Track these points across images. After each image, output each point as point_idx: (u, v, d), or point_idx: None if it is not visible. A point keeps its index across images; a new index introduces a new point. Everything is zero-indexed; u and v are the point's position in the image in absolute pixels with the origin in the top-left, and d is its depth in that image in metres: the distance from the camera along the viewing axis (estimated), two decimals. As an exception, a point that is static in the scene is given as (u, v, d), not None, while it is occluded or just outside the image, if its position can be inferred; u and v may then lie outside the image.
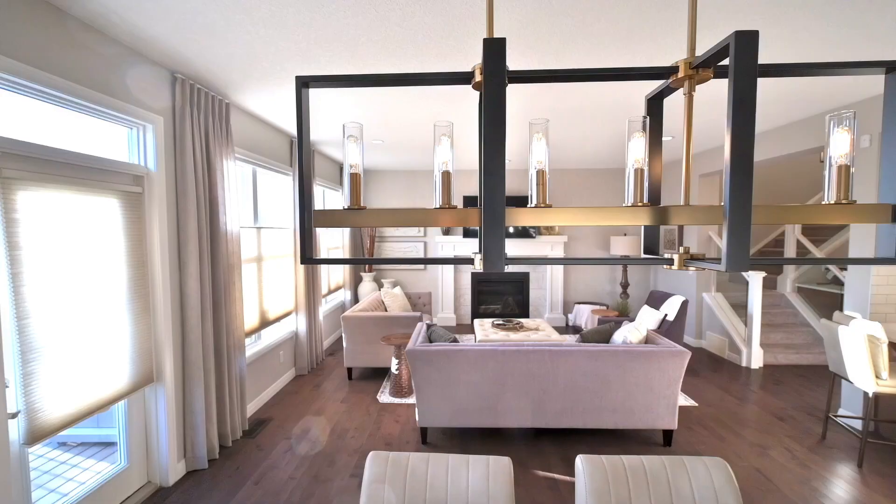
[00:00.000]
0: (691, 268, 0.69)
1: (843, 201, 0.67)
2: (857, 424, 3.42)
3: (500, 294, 7.12)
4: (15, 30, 1.79)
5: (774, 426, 3.46)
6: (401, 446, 3.15)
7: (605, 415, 3.07)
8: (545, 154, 0.69)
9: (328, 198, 6.07)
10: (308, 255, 0.73)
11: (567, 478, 2.76)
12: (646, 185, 0.68)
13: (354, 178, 0.70)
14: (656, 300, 5.36)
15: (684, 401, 3.92)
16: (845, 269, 4.51)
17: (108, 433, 3.16)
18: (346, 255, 6.55)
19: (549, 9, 1.99)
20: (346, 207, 0.69)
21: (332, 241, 6.21)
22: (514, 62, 2.56)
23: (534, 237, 6.75)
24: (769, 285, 6.05)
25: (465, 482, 1.41)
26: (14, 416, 1.84)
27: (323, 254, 5.65)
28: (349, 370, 4.56)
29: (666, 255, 0.71)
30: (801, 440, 3.23)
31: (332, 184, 5.93)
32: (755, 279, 4.86)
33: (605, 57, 2.50)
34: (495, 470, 1.43)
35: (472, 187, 6.82)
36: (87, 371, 2.17)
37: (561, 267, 6.91)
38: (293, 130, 4.34)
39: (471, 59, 2.55)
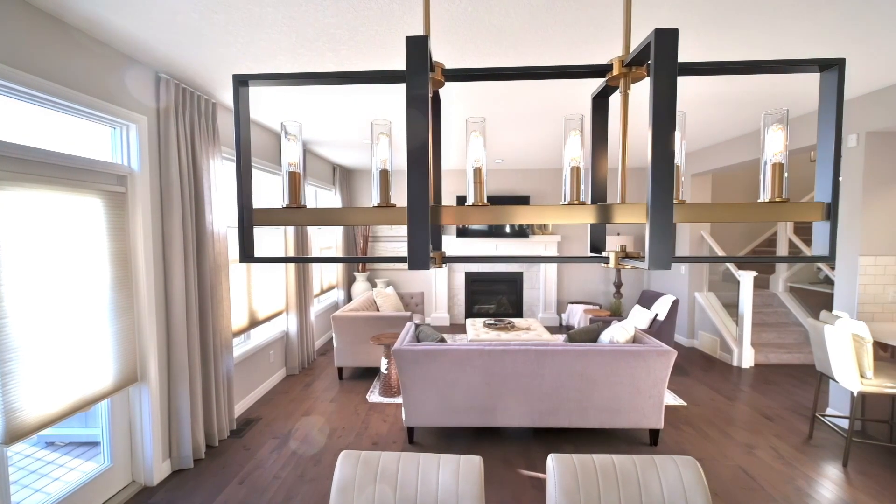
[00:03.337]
0: (627, 265, 0.70)
1: (777, 199, 0.67)
2: (844, 424, 3.42)
3: (494, 294, 7.12)
4: (-9, 29, 1.79)
5: (762, 425, 3.46)
6: (387, 446, 3.15)
7: (592, 414, 3.07)
8: (482, 153, 0.69)
9: (321, 197, 6.07)
10: (248, 254, 0.73)
11: (552, 477, 2.76)
12: (583, 183, 0.69)
13: (293, 176, 0.70)
14: (648, 300, 5.36)
15: (673, 400, 3.92)
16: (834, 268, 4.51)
17: (95, 433, 3.15)
18: (340, 255, 6.55)
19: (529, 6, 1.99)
20: (284, 206, 0.69)
21: (326, 241, 6.21)
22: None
23: (528, 237, 6.76)
24: (761, 284, 6.06)
25: (434, 481, 1.41)
26: (-9, 415, 1.84)
27: (315, 253, 5.64)
28: (340, 370, 4.56)
29: (603, 254, 0.71)
30: (787, 439, 3.23)
31: (325, 184, 5.93)
32: (745, 279, 4.86)
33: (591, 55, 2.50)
34: (465, 469, 1.43)
35: (463, 188, 6.81)
36: (68, 371, 2.17)
37: (554, 266, 6.91)
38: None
39: (456, 58, 2.55)
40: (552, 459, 1.47)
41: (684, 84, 3.01)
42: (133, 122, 2.55)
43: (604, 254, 0.72)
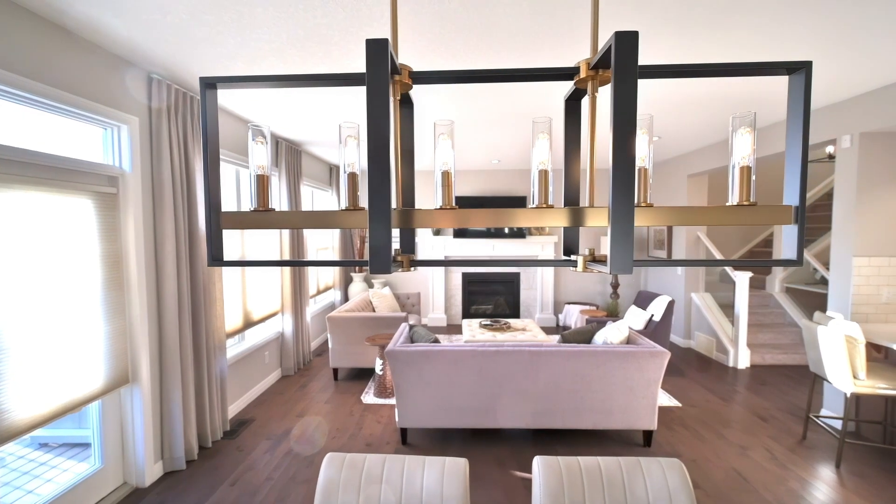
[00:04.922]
0: (595, 269, 0.69)
1: (745, 203, 0.66)
2: (838, 424, 3.41)
3: (492, 294, 7.11)
4: (-22, 30, 1.79)
5: (756, 426, 3.46)
6: (381, 447, 3.14)
7: (585, 415, 3.06)
8: (451, 155, 0.69)
9: (317, 198, 6.07)
10: (217, 258, 0.73)
11: (544, 478, 2.75)
12: (551, 186, 0.68)
13: (261, 179, 0.70)
14: (644, 300, 5.36)
15: (668, 401, 3.92)
16: (830, 270, 4.50)
17: (88, 434, 3.15)
18: (337, 257, 6.55)
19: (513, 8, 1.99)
20: (253, 209, 0.69)
21: (322, 242, 6.21)
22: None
23: (525, 237, 6.76)
24: (758, 285, 6.05)
25: (419, 483, 1.41)
26: (-21, 417, 1.83)
27: (312, 255, 5.64)
28: (335, 371, 4.55)
29: (572, 258, 0.71)
30: (781, 440, 3.23)
31: (321, 185, 5.93)
32: (741, 279, 4.85)
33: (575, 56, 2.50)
34: (450, 471, 1.42)
35: (465, 188, 6.82)
36: (59, 372, 2.17)
37: (551, 267, 6.90)
38: (276, 130, 4.34)
39: (448, 59, 2.55)
40: (537, 461, 1.46)
41: (681, 84, 3.01)
42: (124, 123, 2.55)
43: (573, 257, 0.72)
